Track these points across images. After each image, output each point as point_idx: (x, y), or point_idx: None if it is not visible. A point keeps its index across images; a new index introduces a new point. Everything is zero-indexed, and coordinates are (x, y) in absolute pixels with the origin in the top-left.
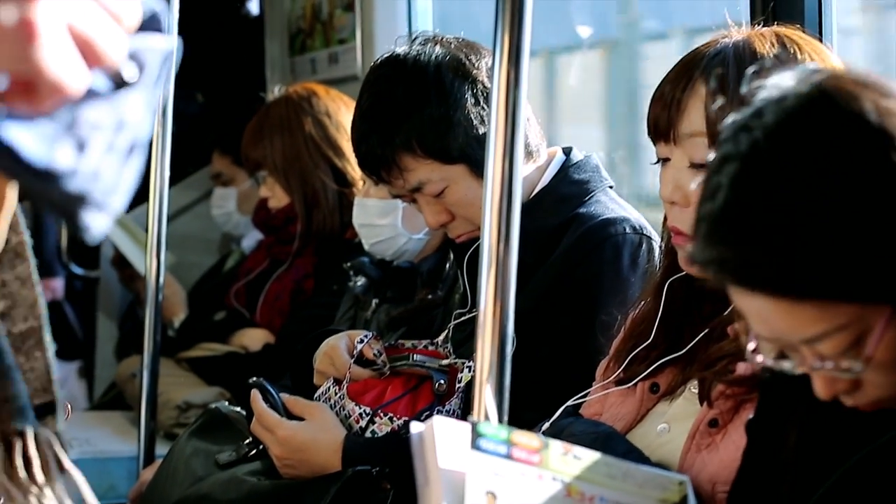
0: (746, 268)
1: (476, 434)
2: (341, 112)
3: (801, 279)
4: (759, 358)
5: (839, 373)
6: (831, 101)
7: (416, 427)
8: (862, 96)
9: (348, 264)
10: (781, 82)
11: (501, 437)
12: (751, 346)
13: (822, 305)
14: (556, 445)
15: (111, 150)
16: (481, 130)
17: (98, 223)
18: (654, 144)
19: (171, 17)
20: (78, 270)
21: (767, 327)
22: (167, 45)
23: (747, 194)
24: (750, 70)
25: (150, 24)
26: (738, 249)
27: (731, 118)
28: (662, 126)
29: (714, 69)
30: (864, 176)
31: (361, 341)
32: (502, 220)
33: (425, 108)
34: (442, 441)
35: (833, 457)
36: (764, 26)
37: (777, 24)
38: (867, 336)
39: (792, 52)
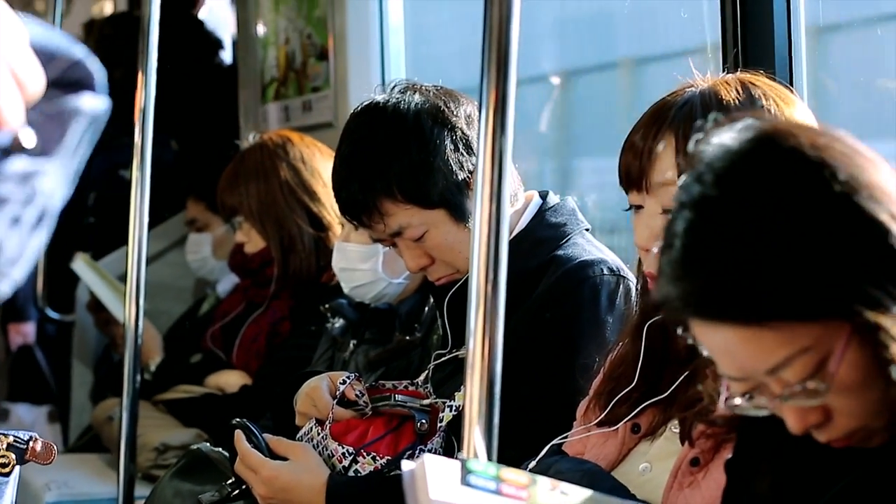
0: (708, 299)
1: (466, 470)
2: (316, 158)
3: (759, 303)
4: (734, 402)
5: (806, 397)
6: (771, 141)
7: (406, 465)
8: (798, 135)
9: (326, 306)
10: (723, 137)
11: (490, 473)
12: (723, 395)
13: (783, 329)
14: (544, 482)
15: (17, 223)
16: (460, 176)
17: None
18: (626, 192)
19: (104, 76)
20: (53, 315)
21: (733, 362)
22: (96, 106)
23: (703, 233)
24: (710, 118)
25: (81, 82)
26: (699, 282)
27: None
28: (634, 175)
29: (682, 118)
30: (807, 202)
31: (344, 382)
32: (490, 261)
33: (405, 155)
34: (433, 477)
35: (808, 496)
36: (732, 71)
37: (741, 71)
38: (830, 358)
39: (757, 97)
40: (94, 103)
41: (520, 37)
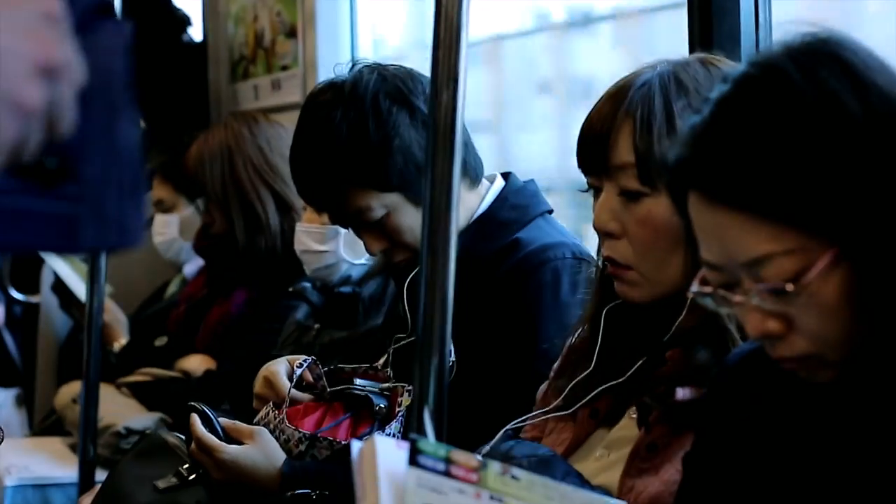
0: (717, 175)
1: (415, 450)
2: (281, 138)
3: (763, 195)
4: (701, 290)
5: (774, 299)
6: (825, 45)
7: (356, 443)
8: (852, 49)
9: (290, 290)
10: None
11: (440, 454)
12: (695, 286)
13: (776, 227)
14: (495, 465)
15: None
16: (420, 158)
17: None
18: (585, 175)
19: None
20: (18, 296)
21: (718, 247)
22: (123, 36)
23: (734, 110)
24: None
25: (103, 9)
26: (715, 154)
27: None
28: (593, 158)
29: (640, 100)
30: (835, 115)
31: (301, 366)
32: (440, 245)
33: (363, 136)
34: (382, 457)
35: (769, 487)
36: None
37: (703, 52)
38: (811, 268)
39: (717, 78)
40: (121, 31)
41: None
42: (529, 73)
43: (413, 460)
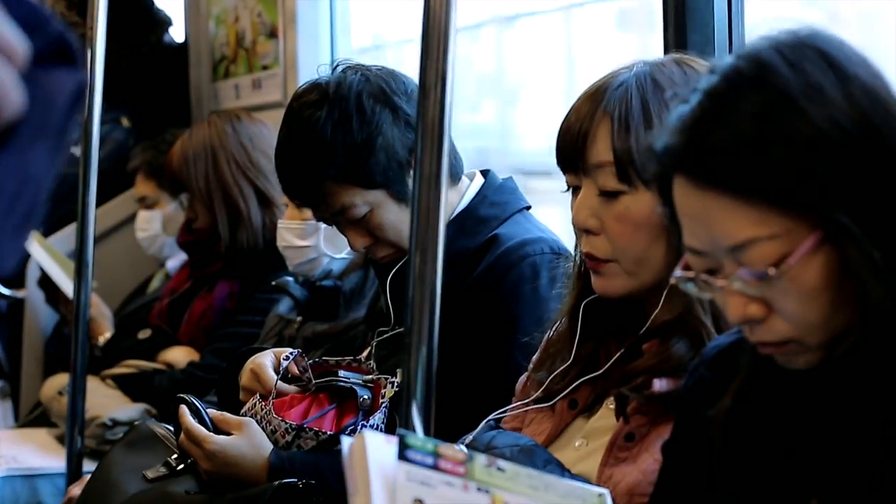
0: (705, 159)
1: (404, 445)
2: (264, 136)
3: (749, 176)
4: (683, 275)
5: (756, 284)
6: (812, 37)
7: (346, 440)
8: (836, 43)
9: (273, 283)
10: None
11: (428, 448)
12: (678, 271)
13: (761, 210)
14: (481, 458)
15: (5, 218)
16: (403, 156)
17: None
18: (564, 174)
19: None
20: (4, 291)
21: (703, 231)
22: (79, 81)
23: (721, 100)
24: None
25: (61, 55)
26: (702, 140)
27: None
28: (570, 157)
29: (617, 100)
30: (819, 100)
31: (287, 358)
32: (428, 241)
33: (347, 135)
34: (372, 452)
35: (748, 476)
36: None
37: (679, 53)
38: (793, 252)
39: (691, 78)
40: (76, 78)
41: None
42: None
43: (402, 455)
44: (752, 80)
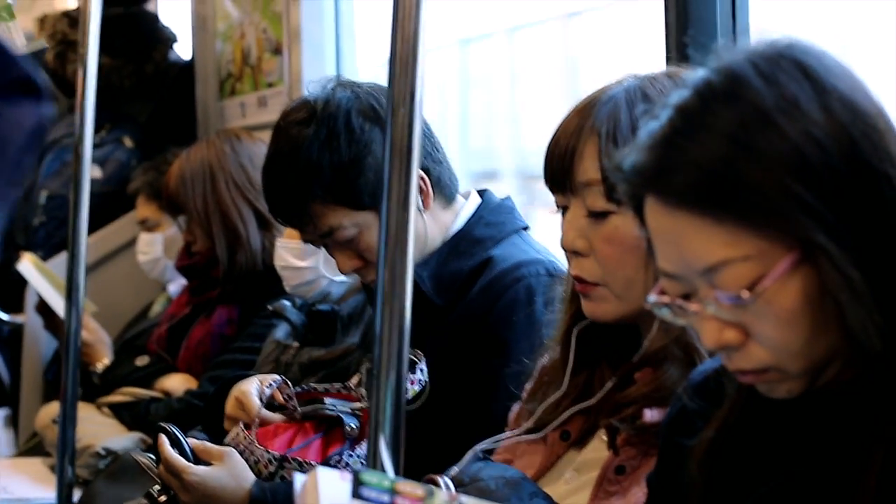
0: (674, 178)
1: (358, 482)
2: (263, 155)
3: (719, 195)
4: (657, 300)
5: (730, 308)
6: (788, 49)
7: (298, 476)
8: (814, 54)
9: (270, 308)
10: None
11: (384, 485)
12: (652, 296)
13: (732, 230)
14: (442, 494)
15: None
16: None
17: None
18: (553, 194)
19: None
20: (3, 316)
21: (676, 254)
22: (40, 116)
23: (691, 116)
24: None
25: (23, 90)
26: (671, 158)
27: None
28: (559, 175)
29: (606, 117)
30: (790, 116)
31: (271, 385)
32: (397, 264)
33: (334, 154)
34: (324, 489)
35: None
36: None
37: (675, 66)
38: (768, 275)
39: None
40: (37, 112)
41: None
42: None
43: (356, 493)
44: (724, 95)
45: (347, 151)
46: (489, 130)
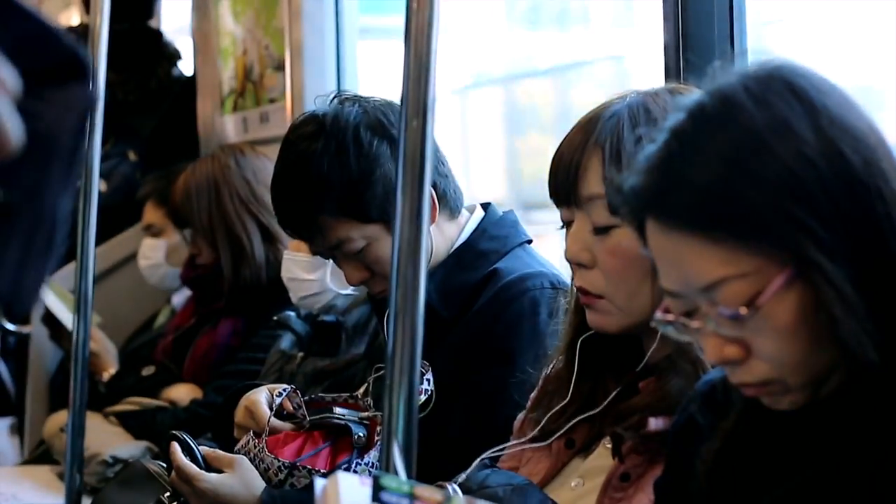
0: (671, 200)
1: (378, 487)
2: (268, 170)
3: (715, 214)
4: (662, 318)
5: (730, 324)
6: (778, 71)
7: (319, 481)
8: (805, 76)
9: (275, 319)
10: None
11: (404, 490)
12: (658, 315)
13: (729, 248)
14: (459, 500)
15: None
16: None
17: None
18: (557, 208)
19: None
20: (10, 326)
21: (676, 273)
22: (88, 97)
23: (688, 140)
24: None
25: (71, 72)
26: (669, 181)
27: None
28: (563, 190)
29: (609, 132)
30: (784, 137)
31: (281, 394)
32: (410, 276)
33: (344, 168)
34: (345, 494)
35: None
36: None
37: (678, 82)
38: (765, 290)
39: None
40: (86, 94)
41: None
42: None
43: (376, 497)
44: (716, 118)
45: (356, 166)
46: None
